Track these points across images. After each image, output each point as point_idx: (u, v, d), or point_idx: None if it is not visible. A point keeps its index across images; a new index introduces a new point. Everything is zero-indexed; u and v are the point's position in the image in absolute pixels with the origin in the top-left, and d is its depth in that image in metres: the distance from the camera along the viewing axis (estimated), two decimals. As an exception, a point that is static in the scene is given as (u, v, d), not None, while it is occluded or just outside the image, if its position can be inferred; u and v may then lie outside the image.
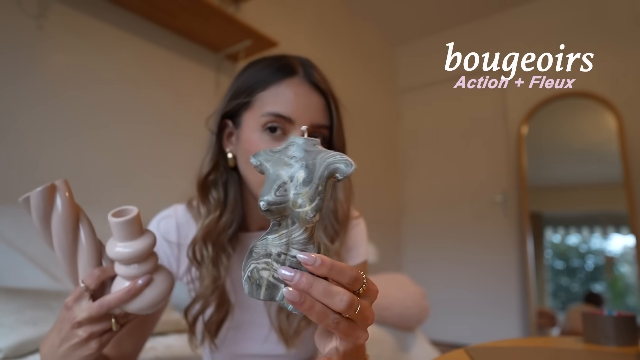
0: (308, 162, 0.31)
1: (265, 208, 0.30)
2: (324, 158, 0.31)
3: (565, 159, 2.79)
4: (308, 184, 0.30)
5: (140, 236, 0.43)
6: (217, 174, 0.61)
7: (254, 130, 0.55)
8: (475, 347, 0.65)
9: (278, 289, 0.32)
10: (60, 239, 0.44)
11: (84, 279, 0.43)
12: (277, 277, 0.32)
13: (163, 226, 0.65)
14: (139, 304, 0.43)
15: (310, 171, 0.31)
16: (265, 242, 0.32)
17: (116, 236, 0.43)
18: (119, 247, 0.42)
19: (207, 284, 0.58)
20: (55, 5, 1.43)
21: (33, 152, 1.34)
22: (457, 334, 2.96)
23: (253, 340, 0.65)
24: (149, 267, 0.44)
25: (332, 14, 2.92)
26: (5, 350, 0.73)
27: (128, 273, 0.43)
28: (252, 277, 0.32)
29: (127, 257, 0.42)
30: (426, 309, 1.50)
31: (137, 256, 0.42)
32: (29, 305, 0.83)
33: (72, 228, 0.44)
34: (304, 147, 0.32)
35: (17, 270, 1.00)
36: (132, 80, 1.66)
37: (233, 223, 0.61)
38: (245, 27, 1.80)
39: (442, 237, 3.20)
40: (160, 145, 1.73)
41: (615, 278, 2.61)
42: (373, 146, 3.19)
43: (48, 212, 0.43)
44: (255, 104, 0.56)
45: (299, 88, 0.55)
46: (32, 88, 1.36)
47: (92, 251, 0.45)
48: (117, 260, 0.43)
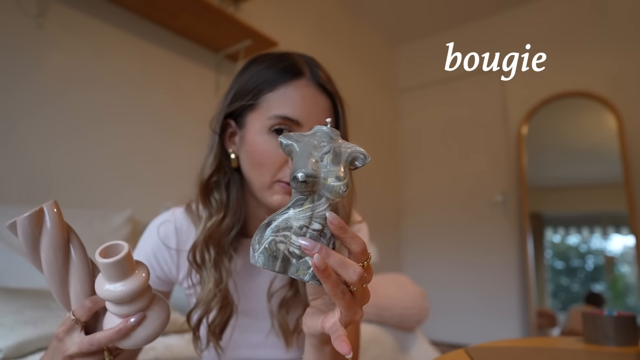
0: (335, 147, 0.35)
1: (303, 179, 0.33)
2: (347, 146, 0.36)
3: (565, 159, 2.79)
4: (337, 164, 0.34)
5: (131, 275, 0.39)
6: (220, 175, 0.59)
7: (260, 132, 0.54)
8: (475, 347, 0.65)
9: (290, 263, 0.35)
10: (50, 264, 0.41)
11: (75, 311, 0.41)
12: (292, 251, 0.34)
13: (162, 231, 0.63)
14: (131, 341, 0.41)
15: (337, 154, 0.35)
16: (286, 216, 0.35)
17: (105, 276, 0.39)
18: (109, 287, 0.39)
19: (210, 288, 0.57)
20: (55, 4, 1.43)
21: (32, 152, 1.34)
22: (457, 334, 2.96)
23: (249, 345, 0.64)
24: (142, 305, 0.41)
25: (332, 14, 2.92)
26: (5, 351, 0.73)
27: (120, 312, 0.40)
28: (270, 249, 0.34)
29: (118, 297, 0.39)
30: (426, 309, 1.50)
31: (128, 296, 0.39)
32: (28, 305, 0.83)
33: (63, 252, 0.42)
34: (330, 134, 0.36)
35: (16, 271, 0.99)
36: (131, 80, 1.66)
37: (236, 225, 0.60)
38: (245, 27, 1.80)
39: (442, 237, 3.20)
40: (160, 144, 1.73)
41: (615, 278, 2.61)
42: (373, 146, 3.19)
43: (36, 237, 0.41)
44: (262, 105, 0.55)
45: (306, 90, 0.55)
46: (31, 88, 1.35)
47: (84, 276, 0.43)
48: (106, 299, 0.40)
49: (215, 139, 0.59)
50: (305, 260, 0.34)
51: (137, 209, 1.52)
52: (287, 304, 0.61)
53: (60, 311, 0.85)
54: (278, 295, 0.61)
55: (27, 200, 1.30)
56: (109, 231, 1.23)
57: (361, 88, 3.13)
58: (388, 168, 3.40)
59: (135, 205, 1.52)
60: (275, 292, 0.61)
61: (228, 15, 1.72)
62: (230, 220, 0.59)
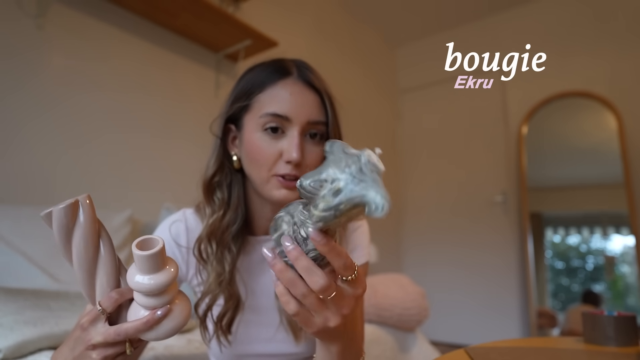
0: (354, 179, 0.32)
1: (297, 186, 0.35)
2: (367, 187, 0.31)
3: (566, 158, 2.79)
4: (337, 197, 0.32)
5: (163, 269, 0.41)
6: (222, 175, 0.63)
7: (254, 131, 0.58)
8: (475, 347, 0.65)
9: None
10: (80, 256, 0.43)
11: (101, 302, 0.43)
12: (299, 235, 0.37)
13: (174, 230, 0.67)
14: (156, 333, 0.42)
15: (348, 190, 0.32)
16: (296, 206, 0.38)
17: (139, 267, 0.41)
18: (140, 279, 0.41)
19: (212, 280, 0.61)
20: (55, 5, 1.43)
21: (33, 152, 1.34)
22: (457, 334, 2.95)
23: (260, 340, 0.66)
24: (169, 298, 0.43)
25: (332, 14, 2.92)
26: (5, 351, 0.73)
27: (147, 303, 0.42)
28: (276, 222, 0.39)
29: (148, 289, 0.41)
30: (426, 310, 1.50)
31: (158, 289, 0.41)
32: (28, 305, 0.83)
33: (94, 246, 0.43)
34: (363, 166, 0.32)
35: (16, 271, 1.00)
36: (131, 80, 1.66)
37: (236, 221, 0.63)
38: (245, 27, 1.80)
39: (442, 237, 3.20)
40: (160, 144, 1.73)
41: (615, 278, 2.61)
42: (373, 146, 3.17)
43: (70, 228, 0.42)
44: (254, 106, 0.59)
45: (293, 87, 0.58)
46: (31, 88, 1.35)
47: (111, 269, 0.44)
48: (136, 290, 0.42)
49: (217, 142, 0.63)
50: None
51: (137, 209, 1.52)
52: None
53: (60, 311, 0.85)
54: None
55: (27, 200, 1.30)
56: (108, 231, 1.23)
57: (361, 88, 3.13)
58: (388, 168, 3.40)
59: (135, 206, 1.52)
60: None
61: (228, 15, 1.72)
62: (230, 216, 0.62)
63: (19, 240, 1.03)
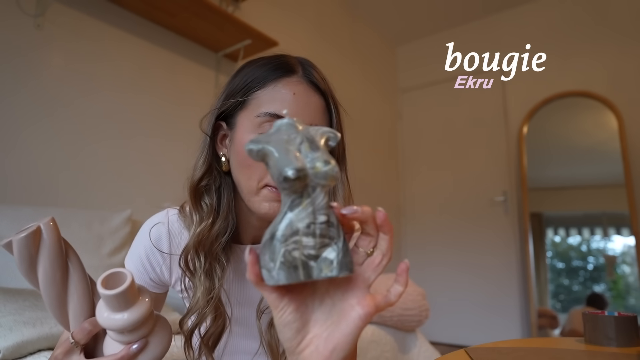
0: (305, 134, 0.33)
1: (295, 175, 0.30)
2: (315, 130, 0.34)
3: (566, 159, 2.78)
4: (317, 149, 0.32)
5: (135, 303, 0.38)
6: (210, 178, 0.57)
7: (248, 131, 0.53)
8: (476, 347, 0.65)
9: (311, 267, 0.31)
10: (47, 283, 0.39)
11: (74, 334, 0.40)
12: (307, 254, 0.31)
13: (154, 234, 0.61)
14: None
15: (311, 140, 0.33)
16: (288, 221, 0.32)
17: (108, 306, 0.37)
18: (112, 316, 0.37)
19: (201, 296, 0.55)
20: (54, 4, 1.43)
21: (31, 151, 1.34)
22: (457, 334, 2.95)
23: (245, 352, 0.63)
24: (145, 331, 0.40)
25: (332, 14, 2.92)
26: (4, 351, 0.72)
27: (121, 339, 0.39)
28: (287, 261, 0.31)
29: (121, 327, 0.37)
30: (426, 310, 1.50)
31: (131, 325, 0.37)
32: (27, 305, 0.83)
33: (61, 272, 0.40)
34: (294, 124, 0.34)
35: (15, 271, 0.99)
36: (131, 79, 1.66)
37: (227, 230, 0.58)
38: (244, 27, 1.80)
39: (442, 237, 3.20)
40: (160, 144, 1.73)
41: (616, 278, 2.60)
42: (373, 146, 3.18)
43: (33, 256, 0.39)
44: (251, 103, 0.54)
45: (297, 87, 0.53)
46: (30, 87, 1.35)
47: (83, 295, 0.41)
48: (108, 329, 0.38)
49: (206, 140, 0.58)
50: (323, 258, 0.32)
51: (137, 210, 1.51)
52: None
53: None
54: (268, 313, 0.59)
55: (26, 200, 1.30)
56: (108, 231, 1.23)
57: (361, 88, 3.13)
58: (388, 168, 3.40)
59: (134, 206, 1.52)
60: (265, 310, 0.59)
61: (228, 14, 1.72)
62: (220, 225, 0.57)
63: (18, 241, 1.03)
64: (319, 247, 0.31)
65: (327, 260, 0.31)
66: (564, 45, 2.87)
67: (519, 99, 2.99)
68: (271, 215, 0.51)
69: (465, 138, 3.22)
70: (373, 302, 0.34)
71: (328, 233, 0.32)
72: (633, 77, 2.61)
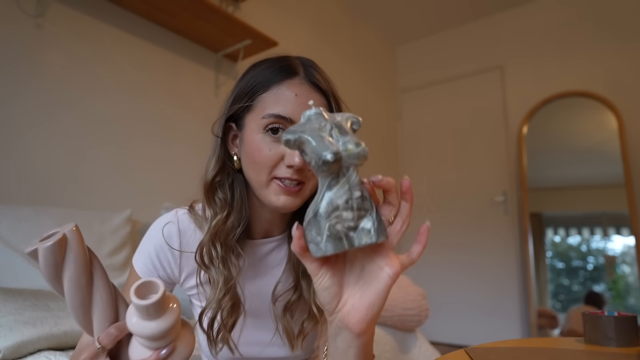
0: (333, 121, 0.37)
1: (334, 159, 0.34)
2: (341, 116, 0.38)
3: (566, 158, 2.78)
4: (346, 133, 0.36)
5: (165, 312, 0.39)
6: (223, 175, 0.61)
7: (255, 131, 0.56)
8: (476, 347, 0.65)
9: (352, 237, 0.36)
10: (73, 291, 0.41)
11: (100, 339, 0.41)
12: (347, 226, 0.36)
13: (166, 232, 0.63)
14: None
15: (339, 126, 0.36)
16: (328, 200, 0.36)
17: (140, 315, 0.39)
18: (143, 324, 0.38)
19: (220, 286, 0.58)
20: (54, 4, 1.43)
21: (31, 151, 1.34)
22: (457, 334, 2.95)
23: (258, 343, 0.65)
24: (173, 337, 0.41)
25: (332, 14, 2.92)
26: (4, 351, 0.72)
27: (150, 345, 0.40)
28: (332, 234, 0.36)
29: (151, 335, 0.39)
30: (426, 310, 1.50)
31: (162, 333, 0.39)
32: (27, 305, 0.83)
33: (86, 278, 0.41)
34: (322, 113, 0.38)
35: (15, 271, 0.99)
36: (131, 79, 1.66)
37: (240, 223, 0.60)
38: (244, 27, 1.80)
39: (442, 237, 3.20)
40: (160, 144, 1.73)
41: (616, 278, 2.60)
42: (373, 146, 3.18)
43: (59, 264, 0.40)
44: (257, 105, 0.57)
45: (299, 88, 0.56)
46: (30, 87, 1.35)
47: (107, 301, 0.42)
48: (138, 336, 0.39)
49: (217, 142, 0.61)
50: (361, 228, 0.36)
51: (137, 210, 1.51)
52: (292, 308, 0.62)
53: (60, 312, 0.85)
54: (282, 299, 0.62)
55: (26, 200, 1.30)
56: (108, 232, 1.23)
57: (361, 88, 3.13)
58: (388, 168, 3.40)
59: (134, 206, 1.52)
60: (279, 296, 0.62)
61: (228, 14, 1.72)
62: (234, 218, 0.60)
63: (18, 241, 1.03)
64: (357, 219, 0.36)
65: (365, 229, 0.36)
66: (564, 45, 2.87)
67: (519, 99, 2.99)
68: (281, 207, 0.55)
69: (465, 138, 3.22)
70: (399, 262, 0.39)
71: (363, 206, 0.36)
72: (633, 77, 2.61)
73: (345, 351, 0.40)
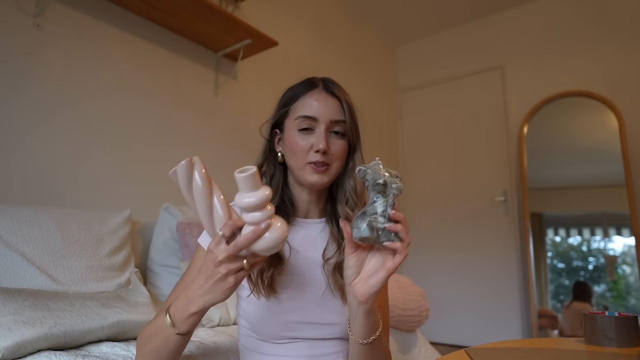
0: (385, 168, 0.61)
1: (383, 182, 0.58)
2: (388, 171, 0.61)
3: (566, 158, 2.78)
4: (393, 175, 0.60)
5: (260, 187, 0.55)
6: (267, 166, 0.81)
7: (292, 131, 0.76)
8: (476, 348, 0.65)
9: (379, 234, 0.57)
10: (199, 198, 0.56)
11: (221, 229, 0.56)
12: (379, 227, 0.57)
13: None
14: (262, 244, 0.54)
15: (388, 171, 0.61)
16: (374, 207, 0.58)
17: (242, 189, 0.54)
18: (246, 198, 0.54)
19: None
20: (54, 4, 1.42)
21: (30, 151, 1.34)
22: (457, 335, 2.95)
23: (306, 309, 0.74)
24: (268, 214, 0.55)
25: (332, 14, 2.92)
26: (4, 351, 0.72)
27: (253, 219, 0.55)
28: (370, 225, 0.57)
29: (252, 205, 0.54)
30: (427, 310, 1.50)
31: (259, 204, 0.54)
32: (27, 305, 0.83)
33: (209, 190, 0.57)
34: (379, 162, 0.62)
35: (15, 271, 0.99)
36: (130, 78, 1.66)
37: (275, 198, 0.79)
38: (244, 26, 1.79)
39: (442, 237, 3.20)
40: (159, 144, 1.73)
41: (616, 279, 2.60)
42: (373, 146, 3.18)
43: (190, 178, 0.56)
44: (291, 112, 0.78)
45: (319, 95, 0.77)
46: (30, 87, 1.35)
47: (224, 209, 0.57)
48: (244, 208, 0.54)
49: (265, 143, 0.81)
50: (386, 232, 0.57)
51: (136, 210, 1.51)
52: (339, 267, 0.75)
53: (59, 311, 0.85)
54: (331, 262, 0.77)
55: (25, 200, 1.30)
56: (107, 231, 1.22)
57: (361, 88, 3.12)
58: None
59: (134, 206, 1.52)
60: (328, 259, 0.77)
61: (228, 14, 1.72)
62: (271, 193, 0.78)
63: (18, 241, 1.03)
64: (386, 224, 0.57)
65: (387, 234, 0.57)
66: (564, 45, 2.87)
67: (519, 99, 2.99)
68: (314, 182, 0.74)
69: (465, 138, 3.22)
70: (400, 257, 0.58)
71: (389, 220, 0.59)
72: (633, 77, 2.61)
73: (355, 312, 0.62)
